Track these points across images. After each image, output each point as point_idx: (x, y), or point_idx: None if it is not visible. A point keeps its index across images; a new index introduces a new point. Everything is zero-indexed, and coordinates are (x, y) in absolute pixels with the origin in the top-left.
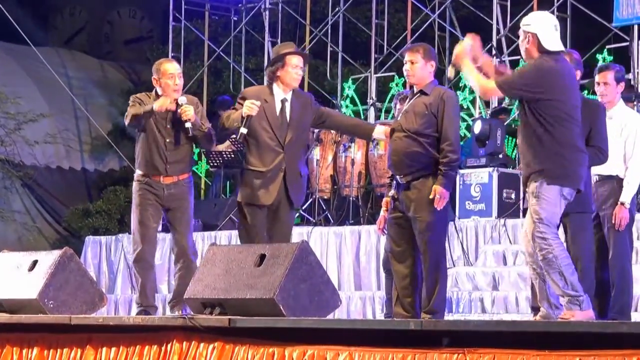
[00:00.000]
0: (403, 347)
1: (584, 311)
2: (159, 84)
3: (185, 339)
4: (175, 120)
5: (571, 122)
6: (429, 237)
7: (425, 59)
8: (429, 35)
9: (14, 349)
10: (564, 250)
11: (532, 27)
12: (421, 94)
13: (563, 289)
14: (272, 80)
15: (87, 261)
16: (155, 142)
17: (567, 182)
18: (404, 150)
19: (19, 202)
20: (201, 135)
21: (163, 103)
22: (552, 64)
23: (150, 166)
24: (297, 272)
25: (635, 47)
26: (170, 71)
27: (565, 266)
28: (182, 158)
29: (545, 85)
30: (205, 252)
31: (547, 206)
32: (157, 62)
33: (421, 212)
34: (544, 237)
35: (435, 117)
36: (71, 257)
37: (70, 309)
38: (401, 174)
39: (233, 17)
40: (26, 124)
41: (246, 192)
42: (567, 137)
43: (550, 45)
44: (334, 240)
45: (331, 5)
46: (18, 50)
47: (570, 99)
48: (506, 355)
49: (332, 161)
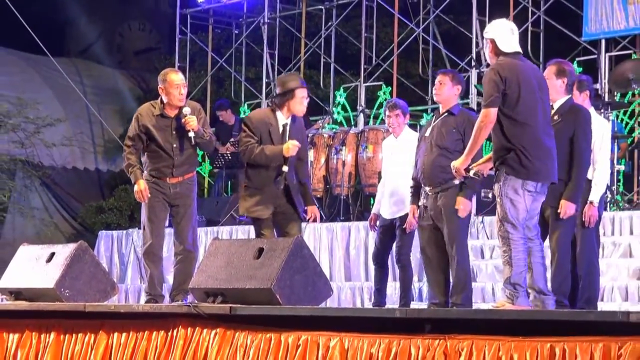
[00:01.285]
0: (389, 334)
1: (515, 305)
2: (164, 93)
3: (190, 325)
4: (180, 127)
5: (533, 117)
6: (455, 241)
7: (453, 82)
8: (414, 48)
9: (32, 334)
10: (522, 251)
11: (489, 34)
12: (449, 114)
13: (504, 284)
14: (278, 107)
15: (100, 254)
16: (162, 148)
17: (529, 176)
18: (435, 163)
19: (37, 200)
20: (203, 142)
21: (139, 189)
22: (509, 61)
23: (158, 170)
24: (293, 265)
25: (602, 59)
26: (176, 82)
27: (516, 267)
28: (187, 160)
29: (506, 80)
30: (208, 245)
31: (509, 204)
32: (163, 72)
33: (448, 219)
34: (505, 237)
35: (461, 135)
36: (86, 250)
37: (84, 298)
38: (431, 185)
39: (234, 31)
40: (44, 128)
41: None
42: (527, 132)
43: (507, 48)
44: (326, 235)
45: (324, 20)
46: (37, 60)
47: (531, 94)
48: (483, 341)
49: (324, 163)
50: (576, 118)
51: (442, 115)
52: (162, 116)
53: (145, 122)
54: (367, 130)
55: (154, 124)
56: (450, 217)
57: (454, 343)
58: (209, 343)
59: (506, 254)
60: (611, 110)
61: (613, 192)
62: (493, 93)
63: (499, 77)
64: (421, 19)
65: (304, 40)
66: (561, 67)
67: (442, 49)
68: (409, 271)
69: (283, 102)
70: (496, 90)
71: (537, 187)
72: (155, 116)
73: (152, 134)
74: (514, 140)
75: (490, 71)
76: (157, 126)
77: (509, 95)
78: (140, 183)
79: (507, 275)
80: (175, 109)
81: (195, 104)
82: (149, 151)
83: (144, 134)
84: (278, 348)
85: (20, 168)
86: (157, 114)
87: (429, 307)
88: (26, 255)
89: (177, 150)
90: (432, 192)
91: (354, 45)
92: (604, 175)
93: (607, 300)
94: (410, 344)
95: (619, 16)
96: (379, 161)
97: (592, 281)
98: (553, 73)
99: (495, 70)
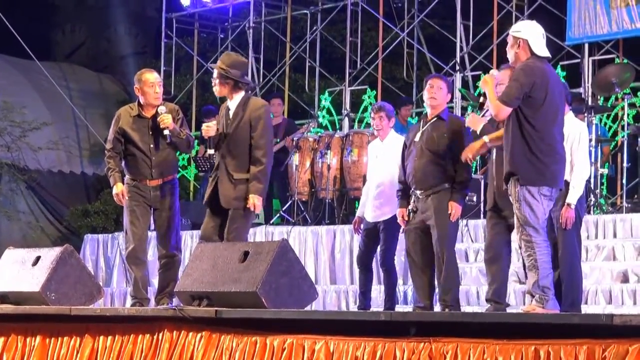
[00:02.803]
0: (374, 337)
1: (546, 309)
2: (140, 92)
3: (175, 329)
4: (156, 127)
5: (551, 123)
6: (445, 241)
7: (448, 89)
8: (399, 52)
9: (18, 338)
10: (546, 254)
11: (522, 34)
12: (438, 119)
13: (532, 288)
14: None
15: (86, 257)
16: (139, 149)
17: (545, 182)
18: (426, 168)
19: (23, 203)
20: (179, 141)
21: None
22: (540, 65)
23: (137, 172)
24: (278, 268)
25: (585, 63)
26: (150, 80)
27: (543, 270)
28: (165, 161)
29: (534, 82)
30: (194, 249)
31: (528, 209)
32: (138, 72)
33: (438, 222)
34: (529, 241)
35: (451, 141)
36: (71, 254)
37: (70, 301)
38: (422, 189)
39: (220, 35)
40: (30, 132)
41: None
42: (545, 138)
43: (539, 51)
44: (311, 239)
45: (309, 25)
46: (23, 64)
47: (553, 101)
48: (468, 344)
49: (309, 166)
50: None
51: (432, 120)
52: (139, 117)
53: (122, 124)
54: (352, 133)
55: (131, 125)
56: (441, 217)
57: (439, 346)
58: (194, 346)
59: (531, 257)
60: (594, 114)
61: (597, 196)
62: (515, 94)
63: (528, 81)
64: (406, 23)
65: (289, 45)
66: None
67: (427, 53)
68: (394, 274)
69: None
70: (520, 92)
71: (553, 192)
72: (133, 117)
73: (129, 135)
74: (532, 145)
75: (521, 71)
76: (134, 127)
77: (534, 99)
78: (118, 186)
79: (534, 280)
80: (152, 109)
81: (173, 105)
82: (128, 154)
83: (121, 136)
84: (264, 351)
85: (6, 172)
86: (134, 115)
87: (414, 310)
88: (12, 258)
89: (154, 150)
90: (423, 195)
91: (339, 49)
92: (582, 178)
93: (591, 303)
94: (396, 347)
95: (602, 21)
96: (364, 165)
97: (575, 284)
98: (508, 77)
99: (525, 72)
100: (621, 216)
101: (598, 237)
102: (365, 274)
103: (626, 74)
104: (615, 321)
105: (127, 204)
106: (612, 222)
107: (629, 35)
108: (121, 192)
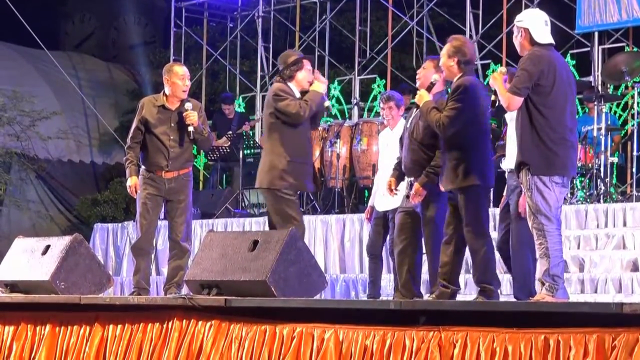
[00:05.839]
0: (383, 325)
1: (556, 297)
2: (168, 84)
3: (185, 317)
4: (179, 121)
5: (561, 111)
6: (431, 228)
7: (438, 72)
8: (408, 41)
9: (28, 326)
10: (558, 242)
11: (524, 23)
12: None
13: (543, 276)
14: (288, 80)
15: (95, 246)
16: (159, 139)
17: (556, 171)
18: (412, 158)
19: (33, 193)
20: (202, 139)
21: (130, 184)
22: (545, 52)
23: (154, 164)
24: (287, 257)
25: (595, 52)
26: (180, 73)
27: (554, 258)
28: (183, 155)
29: (542, 70)
30: (203, 238)
31: (539, 197)
32: (168, 64)
33: (426, 208)
34: (540, 229)
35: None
36: (81, 243)
37: (79, 290)
38: (412, 177)
39: (229, 24)
40: (40, 121)
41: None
42: (555, 125)
43: (541, 39)
44: (321, 228)
45: (319, 14)
46: (33, 54)
47: (562, 88)
48: (478, 333)
49: (319, 156)
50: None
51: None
52: (164, 107)
53: (145, 113)
54: (361, 122)
55: (154, 115)
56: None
57: (449, 334)
58: (204, 335)
59: (542, 245)
60: (604, 103)
61: (607, 184)
62: (524, 83)
63: (536, 69)
64: (415, 12)
65: (299, 34)
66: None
67: (436, 42)
68: None
69: (292, 74)
70: (528, 81)
71: (564, 179)
72: (157, 107)
73: (150, 125)
74: (542, 134)
75: (527, 60)
76: (157, 117)
77: (543, 86)
78: (132, 179)
79: (544, 268)
80: (177, 102)
81: (197, 102)
82: (146, 144)
83: (142, 125)
84: (273, 340)
85: (16, 161)
86: (158, 105)
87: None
88: (22, 247)
89: (174, 142)
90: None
91: (348, 39)
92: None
93: (601, 292)
94: (405, 335)
95: (611, 9)
96: (373, 154)
97: (525, 273)
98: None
99: (532, 61)
100: (631, 205)
101: (608, 226)
102: (375, 263)
103: (636, 62)
104: (625, 310)
105: (140, 196)
106: (622, 211)
107: (639, 23)
108: (134, 185)
